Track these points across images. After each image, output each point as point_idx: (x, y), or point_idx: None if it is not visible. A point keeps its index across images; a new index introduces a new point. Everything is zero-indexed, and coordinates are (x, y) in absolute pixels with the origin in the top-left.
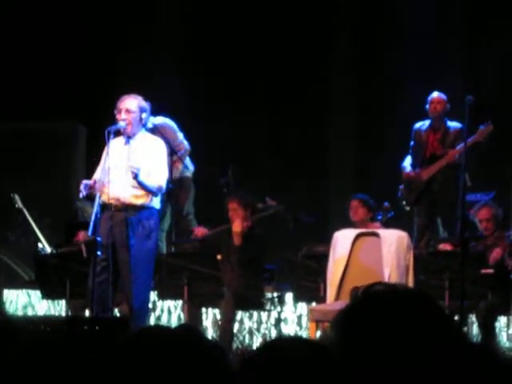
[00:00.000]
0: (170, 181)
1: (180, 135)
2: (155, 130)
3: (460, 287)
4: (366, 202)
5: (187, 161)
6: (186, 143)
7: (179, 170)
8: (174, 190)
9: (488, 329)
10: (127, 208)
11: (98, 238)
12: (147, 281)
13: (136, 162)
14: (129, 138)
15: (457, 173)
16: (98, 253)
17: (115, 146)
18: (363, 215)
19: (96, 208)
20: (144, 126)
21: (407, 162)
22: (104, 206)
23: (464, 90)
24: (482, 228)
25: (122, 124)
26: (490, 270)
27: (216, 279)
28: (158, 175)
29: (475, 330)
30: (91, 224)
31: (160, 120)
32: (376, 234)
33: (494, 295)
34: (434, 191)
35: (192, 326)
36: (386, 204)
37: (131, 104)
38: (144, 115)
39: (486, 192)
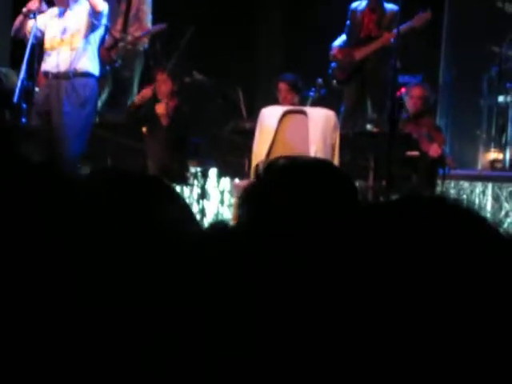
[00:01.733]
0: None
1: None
2: None
3: (385, 168)
4: (293, 85)
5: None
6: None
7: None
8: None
9: None
10: (63, 75)
11: (24, 105)
12: (79, 150)
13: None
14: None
15: (390, 55)
16: (23, 119)
17: (52, 14)
18: (291, 99)
19: (22, 74)
20: None
21: (339, 42)
22: (43, 74)
23: None
24: (410, 106)
25: None
26: (416, 153)
27: (141, 152)
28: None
29: None
30: (17, 90)
31: None
32: (303, 112)
33: (419, 177)
34: (366, 71)
35: None
36: (320, 80)
37: None
38: None
39: (414, 74)
